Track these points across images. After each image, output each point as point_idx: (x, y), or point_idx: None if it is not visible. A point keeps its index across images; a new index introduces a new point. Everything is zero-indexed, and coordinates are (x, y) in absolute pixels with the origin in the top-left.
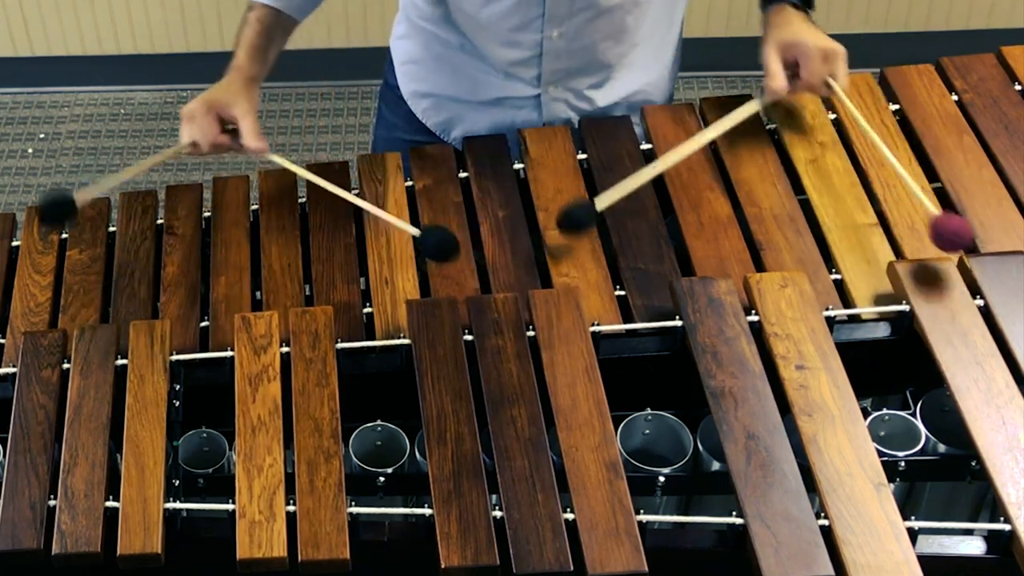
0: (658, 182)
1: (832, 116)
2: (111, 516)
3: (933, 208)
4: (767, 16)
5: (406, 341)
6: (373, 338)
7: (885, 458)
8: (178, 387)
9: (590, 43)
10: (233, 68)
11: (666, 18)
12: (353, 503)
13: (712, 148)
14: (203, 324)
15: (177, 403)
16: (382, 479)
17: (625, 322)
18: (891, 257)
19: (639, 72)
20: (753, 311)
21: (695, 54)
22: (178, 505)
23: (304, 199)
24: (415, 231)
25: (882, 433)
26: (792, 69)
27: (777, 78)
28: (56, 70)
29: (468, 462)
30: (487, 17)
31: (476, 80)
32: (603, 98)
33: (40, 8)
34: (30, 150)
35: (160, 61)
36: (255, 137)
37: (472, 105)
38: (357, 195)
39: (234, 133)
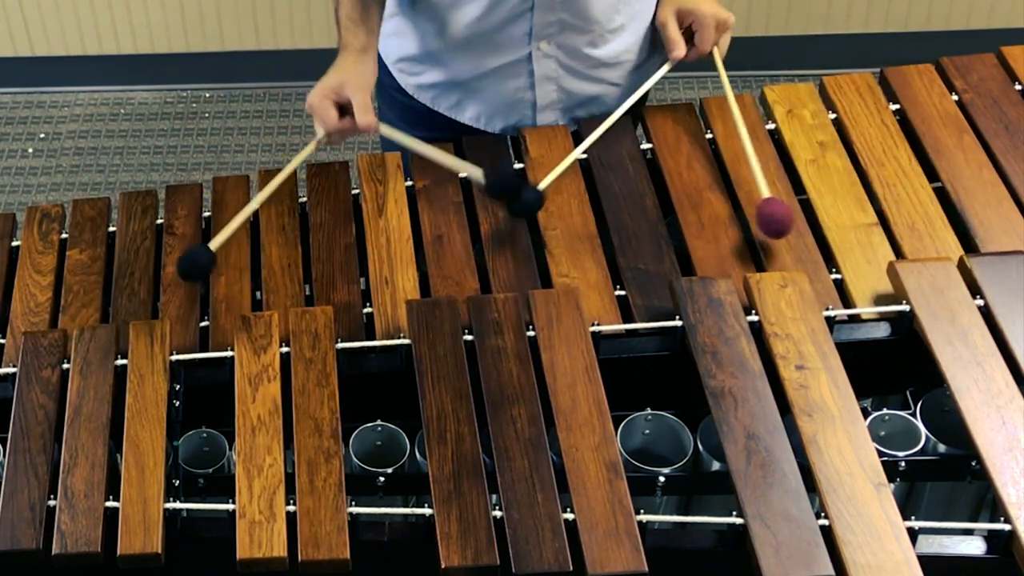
0: (658, 182)
1: (832, 116)
2: (111, 516)
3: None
4: None
5: (406, 341)
6: (373, 338)
7: (885, 458)
8: (178, 387)
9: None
10: (341, 47)
11: None
12: (353, 503)
13: (712, 148)
14: (203, 324)
15: (177, 403)
16: (382, 479)
17: (625, 322)
18: (891, 257)
19: (627, 32)
20: (753, 311)
21: None
22: (178, 505)
23: (304, 199)
24: (481, 178)
25: (882, 433)
26: (687, 34)
27: (679, 45)
28: (56, 70)
29: (468, 462)
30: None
31: (469, 59)
32: (593, 54)
33: (40, 8)
34: (30, 150)
35: (160, 61)
36: (363, 112)
37: (473, 82)
38: (356, 195)
39: (352, 112)
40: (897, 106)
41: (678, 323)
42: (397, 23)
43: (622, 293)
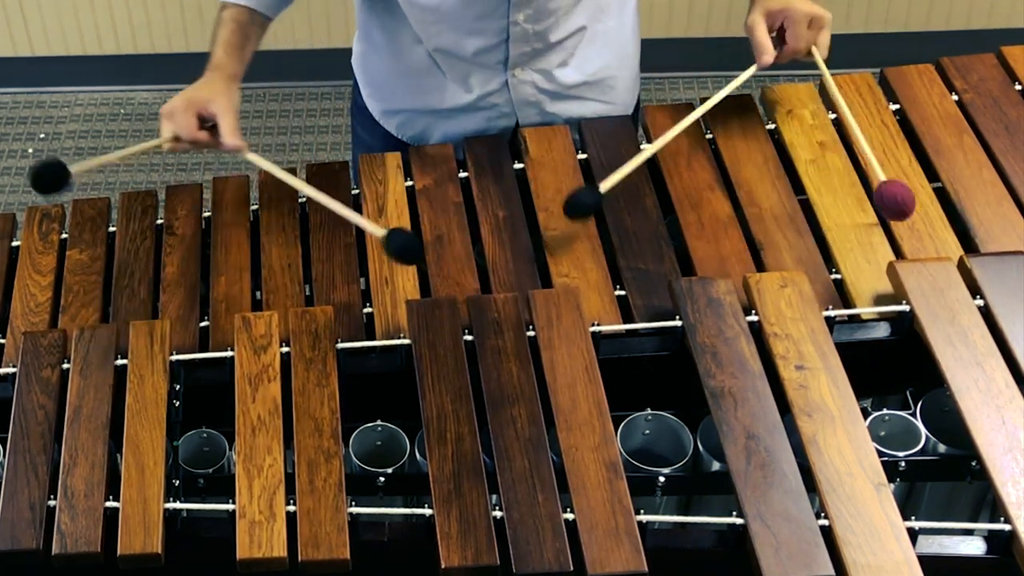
0: (659, 183)
1: (832, 116)
2: (111, 516)
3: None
4: None
5: (406, 341)
6: (373, 338)
7: (885, 458)
8: (178, 387)
9: (553, 22)
10: (212, 67)
11: None
12: (353, 503)
13: (713, 148)
14: (203, 324)
15: (177, 403)
16: (382, 479)
17: (625, 322)
18: (891, 257)
19: (601, 49)
20: (753, 311)
21: (695, 54)
22: (178, 505)
23: (304, 199)
24: (381, 232)
25: (882, 433)
26: (779, 34)
27: (766, 50)
28: (56, 70)
29: (468, 462)
30: (449, 8)
31: (442, 90)
32: (570, 77)
33: (40, 8)
34: (30, 150)
35: (160, 61)
36: (233, 135)
37: (442, 113)
38: (356, 194)
39: (214, 130)
40: (897, 106)
41: (678, 323)
42: (365, 48)
43: (622, 293)
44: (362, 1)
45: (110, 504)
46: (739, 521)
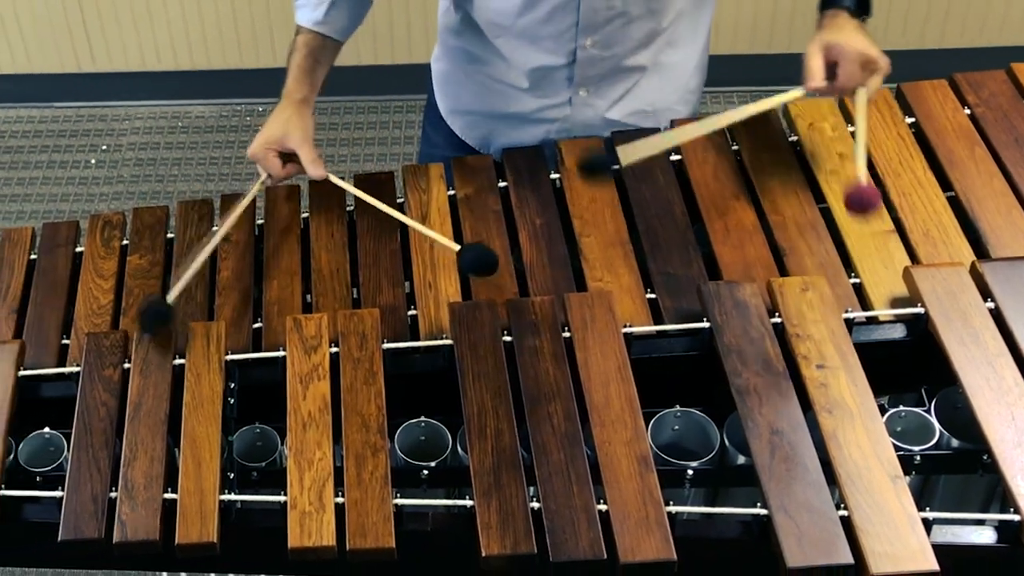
0: (687, 191)
1: (851, 129)
2: (169, 507)
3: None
4: (821, 18)
5: (448, 342)
6: (417, 339)
7: (901, 452)
8: (232, 385)
9: (621, 51)
10: (284, 94)
11: (691, 28)
12: (398, 495)
13: (738, 160)
14: (256, 325)
15: (232, 400)
16: (426, 472)
17: (655, 324)
18: (907, 262)
19: (664, 83)
20: (776, 313)
21: (721, 70)
22: (233, 497)
23: (352, 207)
24: (455, 246)
25: (898, 429)
26: (832, 70)
27: (815, 77)
28: (117, 85)
29: (507, 456)
30: (522, 27)
31: (507, 96)
32: (629, 106)
33: (102, 26)
34: (93, 161)
35: (215, 76)
36: (313, 165)
37: (506, 119)
38: (401, 203)
39: (295, 159)
40: (912, 120)
41: (705, 324)
42: (441, 49)
43: (652, 296)
44: (444, 7)
45: (168, 496)
46: (763, 512)
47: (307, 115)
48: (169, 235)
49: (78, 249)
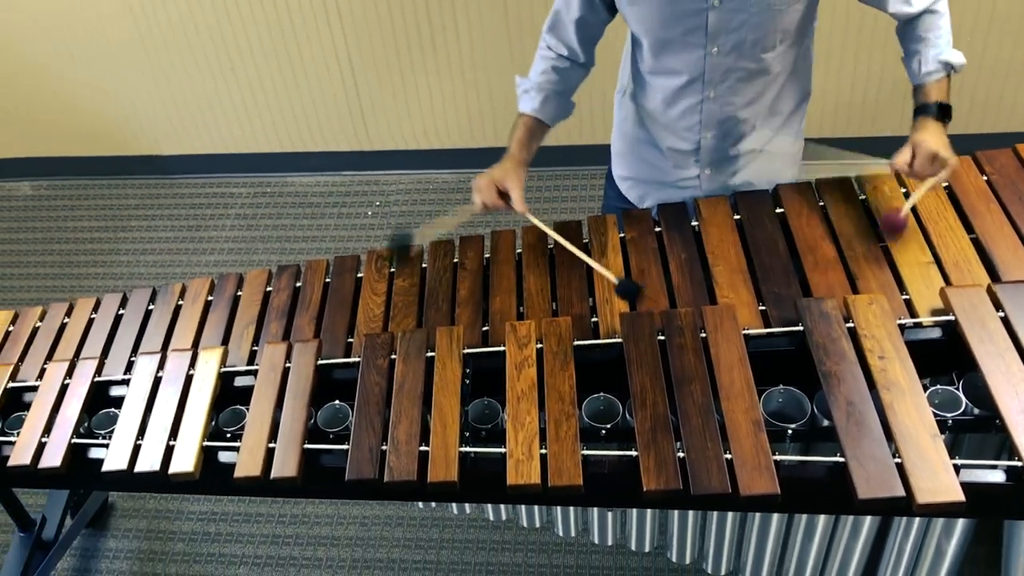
0: (787, 234)
1: (903, 191)
2: (423, 456)
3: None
4: (916, 121)
5: (620, 340)
6: (598, 338)
7: (938, 417)
8: (468, 370)
9: (734, 142)
10: (508, 155)
11: (795, 124)
12: (584, 448)
13: (823, 209)
14: (484, 329)
15: (467, 381)
16: (604, 431)
17: (765, 327)
18: (942, 284)
19: (773, 159)
20: (850, 320)
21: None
22: (468, 449)
23: (552, 246)
24: (615, 279)
25: (936, 401)
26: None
27: (899, 159)
28: (387, 159)
29: (661, 420)
30: (667, 119)
31: (659, 168)
32: (744, 177)
33: (375, 114)
34: (369, 213)
35: (457, 153)
36: (521, 203)
37: (656, 185)
38: (587, 243)
39: (506, 198)
40: (946, 184)
41: (800, 328)
42: (616, 130)
43: (763, 308)
44: (619, 99)
45: (423, 448)
46: (841, 460)
47: (521, 171)
48: (423, 265)
49: (359, 275)
